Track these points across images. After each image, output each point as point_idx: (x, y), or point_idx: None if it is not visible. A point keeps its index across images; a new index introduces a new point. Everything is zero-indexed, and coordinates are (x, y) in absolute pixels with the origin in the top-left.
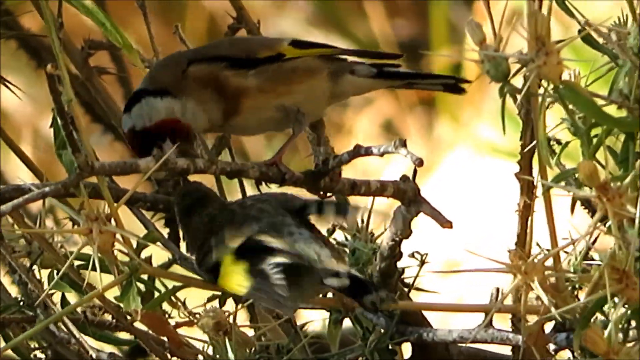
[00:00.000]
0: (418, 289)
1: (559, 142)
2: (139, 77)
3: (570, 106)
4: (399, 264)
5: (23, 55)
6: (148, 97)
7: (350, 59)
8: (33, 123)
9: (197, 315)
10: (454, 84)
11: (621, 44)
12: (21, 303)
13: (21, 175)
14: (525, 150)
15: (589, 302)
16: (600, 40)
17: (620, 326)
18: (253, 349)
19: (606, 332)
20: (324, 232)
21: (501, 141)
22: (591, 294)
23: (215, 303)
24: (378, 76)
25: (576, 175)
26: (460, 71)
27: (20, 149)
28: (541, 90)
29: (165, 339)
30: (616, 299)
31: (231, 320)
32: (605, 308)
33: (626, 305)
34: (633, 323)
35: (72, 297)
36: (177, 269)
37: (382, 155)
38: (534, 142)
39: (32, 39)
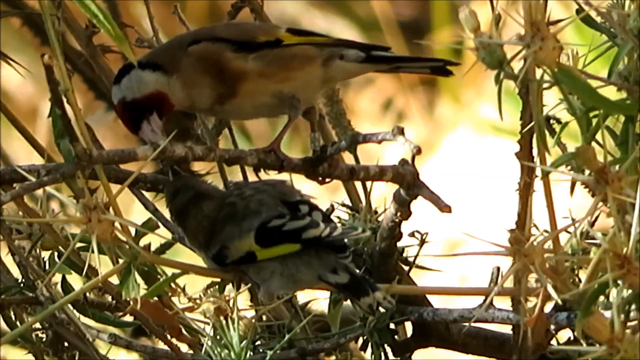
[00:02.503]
0: (419, 267)
1: (559, 121)
2: (142, 55)
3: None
4: (399, 243)
5: (26, 33)
6: (137, 70)
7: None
8: (36, 101)
9: (198, 301)
10: (442, 67)
11: (621, 24)
12: (21, 284)
13: (24, 153)
14: (525, 130)
15: (589, 287)
16: (599, 19)
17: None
18: (252, 334)
19: (608, 317)
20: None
21: (502, 120)
22: (591, 278)
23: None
24: (366, 60)
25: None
26: (461, 52)
27: (24, 126)
28: (538, 75)
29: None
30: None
31: (232, 304)
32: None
33: (629, 291)
34: (634, 306)
35: (72, 278)
36: (176, 254)
37: (379, 143)
38: (533, 122)
39: (35, 16)
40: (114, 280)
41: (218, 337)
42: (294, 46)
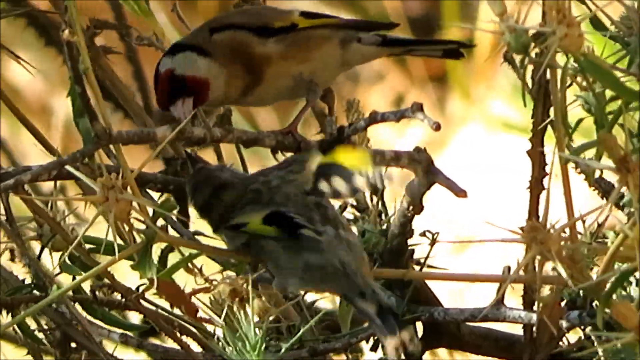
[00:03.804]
0: (430, 267)
1: None
2: (145, 55)
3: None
4: (410, 242)
5: (32, 32)
6: (193, 52)
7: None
8: (45, 98)
9: (214, 282)
10: (454, 49)
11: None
12: (32, 285)
13: (32, 152)
14: (539, 128)
15: (609, 275)
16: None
17: None
18: (266, 327)
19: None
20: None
21: (513, 117)
22: (608, 266)
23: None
24: (382, 44)
25: (589, 153)
26: (471, 48)
27: (32, 124)
28: (561, 63)
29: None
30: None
31: (248, 287)
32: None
33: None
34: None
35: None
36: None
37: (399, 120)
38: (547, 120)
39: (41, 16)
40: (123, 275)
41: (231, 328)
42: (310, 29)
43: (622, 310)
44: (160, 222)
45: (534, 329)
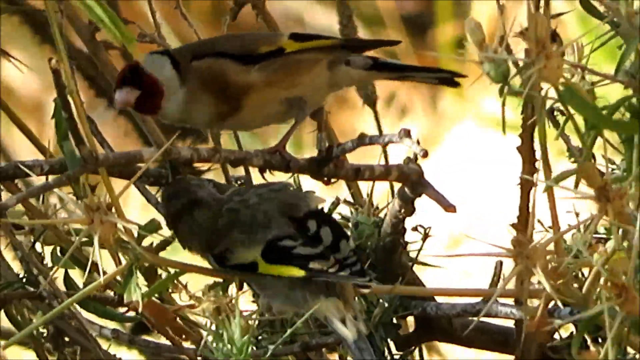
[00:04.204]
0: (422, 264)
1: (562, 112)
2: (145, 52)
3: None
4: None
5: (27, 30)
6: (168, 59)
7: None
8: (40, 96)
9: (199, 299)
10: (449, 78)
11: (628, 19)
12: (24, 280)
13: (24, 150)
14: (528, 123)
15: (593, 288)
16: (602, 9)
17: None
18: (257, 323)
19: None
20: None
21: (506, 115)
22: (592, 284)
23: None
24: (372, 68)
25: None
26: (464, 45)
27: (24, 124)
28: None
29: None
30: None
31: (233, 304)
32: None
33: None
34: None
35: (73, 273)
36: (177, 248)
37: (386, 145)
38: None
39: (36, 14)
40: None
41: (220, 332)
42: (298, 52)
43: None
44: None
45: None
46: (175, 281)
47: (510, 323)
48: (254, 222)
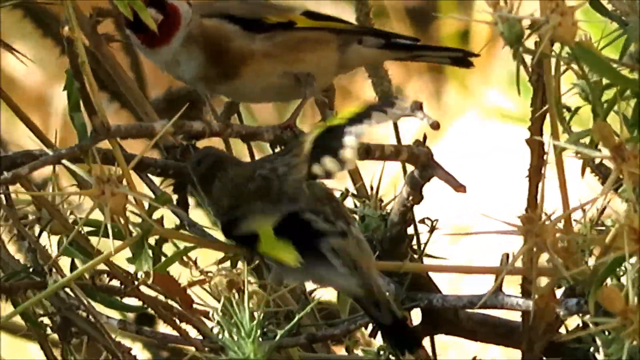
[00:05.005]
0: (428, 256)
1: (568, 109)
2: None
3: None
4: (409, 230)
5: (28, 24)
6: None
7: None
8: (43, 89)
9: (210, 274)
10: (462, 57)
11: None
12: (30, 269)
13: (27, 143)
14: (537, 115)
15: (602, 263)
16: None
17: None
18: (262, 315)
19: (622, 293)
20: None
21: (509, 107)
22: (603, 255)
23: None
24: (385, 47)
25: (587, 140)
26: (468, 39)
27: (27, 116)
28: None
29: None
30: (632, 260)
31: (243, 278)
32: (619, 271)
33: None
34: None
35: (81, 264)
36: None
37: (397, 119)
38: (545, 107)
39: (37, 7)
40: (122, 261)
41: (227, 316)
42: (308, 30)
43: (609, 295)
44: (157, 214)
45: (532, 317)
46: (185, 257)
47: (515, 316)
48: (282, 193)
